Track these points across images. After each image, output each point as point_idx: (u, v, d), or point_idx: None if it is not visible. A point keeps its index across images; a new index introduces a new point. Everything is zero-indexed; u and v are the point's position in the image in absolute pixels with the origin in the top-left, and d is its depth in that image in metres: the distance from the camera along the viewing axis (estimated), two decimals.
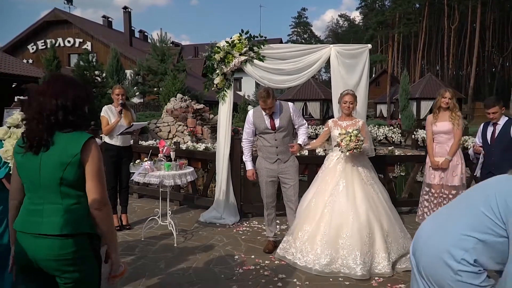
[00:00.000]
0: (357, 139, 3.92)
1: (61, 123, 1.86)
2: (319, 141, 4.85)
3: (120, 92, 5.37)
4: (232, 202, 5.85)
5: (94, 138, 1.95)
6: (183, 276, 3.87)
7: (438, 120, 5.01)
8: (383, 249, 3.87)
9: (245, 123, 4.72)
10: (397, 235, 4.06)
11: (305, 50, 5.51)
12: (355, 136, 3.92)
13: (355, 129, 4.00)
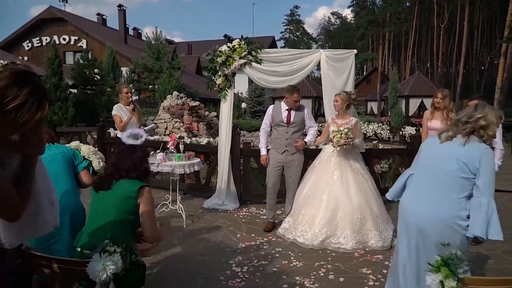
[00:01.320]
0: (346, 136, 4.59)
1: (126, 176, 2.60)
2: (323, 138, 5.39)
3: (128, 91, 6.01)
4: (232, 191, 6.52)
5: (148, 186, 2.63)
6: (194, 250, 4.54)
7: (433, 118, 5.64)
8: (374, 228, 4.60)
9: (264, 116, 5.47)
10: (384, 217, 4.78)
11: (298, 54, 6.17)
12: (345, 134, 4.60)
13: (346, 128, 4.68)
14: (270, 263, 4.18)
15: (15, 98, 1.38)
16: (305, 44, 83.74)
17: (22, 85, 1.41)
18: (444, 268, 1.89)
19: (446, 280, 1.88)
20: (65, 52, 31.65)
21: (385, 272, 3.91)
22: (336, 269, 4.03)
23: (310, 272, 3.94)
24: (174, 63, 27.15)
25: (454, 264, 1.88)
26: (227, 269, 4.00)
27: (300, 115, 5.27)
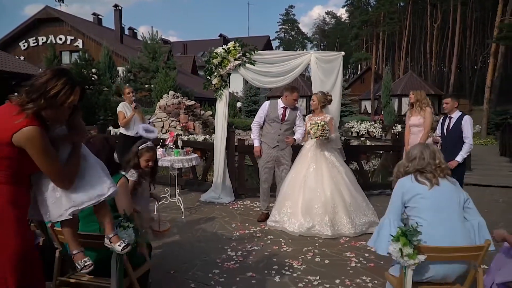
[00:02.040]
0: (323, 128, 5.01)
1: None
2: (307, 135, 5.73)
3: (131, 91, 6.39)
4: (228, 185, 6.89)
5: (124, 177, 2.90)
6: (192, 237, 4.92)
7: (411, 115, 6.07)
8: (346, 216, 4.99)
9: (259, 110, 5.83)
10: (359, 205, 5.16)
11: (290, 56, 6.57)
12: (321, 126, 5.01)
13: (323, 121, 5.09)
14: (262, 248, 4.56)
15: (54, 87, 1.92)
16: (300, 43, 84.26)
17: (59, 77, 1.96)
18: (402, 238, 2.28)
19: (404, 247, 2.26)
20: (61, 51, 31.81)
21: (367, 255, 4.31)
22: (322, 253, 4.42)
23: (298, 256, 4.33)
24: (170, 62, 27.48)
25: (411, 235, 2.27)
26: (223, 253, 4.38)
27: (294, 114, 5.65)
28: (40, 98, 1.89)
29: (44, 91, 1.90)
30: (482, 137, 22.94)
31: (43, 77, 1.94)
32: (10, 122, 1.84)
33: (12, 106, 1.91)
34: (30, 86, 1.92)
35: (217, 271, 3.89)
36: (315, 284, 3.63)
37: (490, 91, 24.32)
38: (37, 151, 1.89)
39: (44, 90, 1.90)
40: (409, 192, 2.63)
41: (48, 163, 1.94)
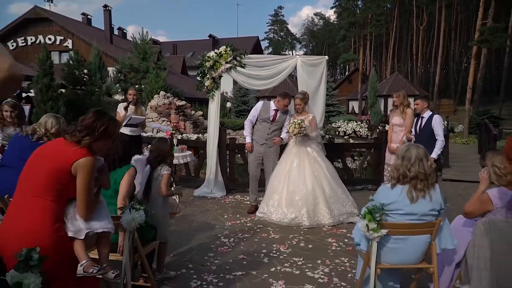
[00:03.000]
0: (299, 126, 5.48)
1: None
2: None
3: (132, 93, 6.80)
4: (220, 180, 7.34)
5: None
6: (188, 227, 5.37)
7: (394, 115, 6.58)
8: (325, 207, 5.48)
9: (253, 109, 6.31)
10: (338, 197, 5.66)
11: (277, 60, 7.04)
12: (298, 124, 5.49)
13: (299, 119, 5.59)
14: (252, 236, 5.03)
15: (103, 124, 2.43)
16: (289, 44, 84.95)
17: (103, 116, 2.48)
18: (368, 215, 2.76)
19: (370, 223, 2.74)
20: (50, 52, 31.80)
21: (346, 241, 4.80)
22: (307, 239, 4.90)
23: (285, 241, 4.81)
24: (160, 63, 27.76)
25: (374, 212, 2.75)
26: (217, 240, 4.84)
27: (284, 117, 6.14)
28: (94, 132, 2.38)
29: (95, 127, 2.39)
30: (464, 136, 23.71)
31: (91, 118, 2.43)
32: (70, 153, 2.31)
33: (67, 142, 2.37)
34: (81, 127, 2.38)
35: (212, 254, 4.35)
36: (299, 264, 4.11)
37: (472, 92, 25.10)
38: (85, 178, 2.34)
39: (95, 127, 2.39)
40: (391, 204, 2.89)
41: (86, 192, 2.36)
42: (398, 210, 2.86)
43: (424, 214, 2.86)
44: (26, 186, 2.34)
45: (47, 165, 2.32)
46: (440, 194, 2.94)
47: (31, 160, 2.40)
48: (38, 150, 2.45)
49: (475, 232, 2.88)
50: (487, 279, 2.80)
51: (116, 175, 3.10)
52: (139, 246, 3.02)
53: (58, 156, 2.33)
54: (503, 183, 2.98)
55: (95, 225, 2.43)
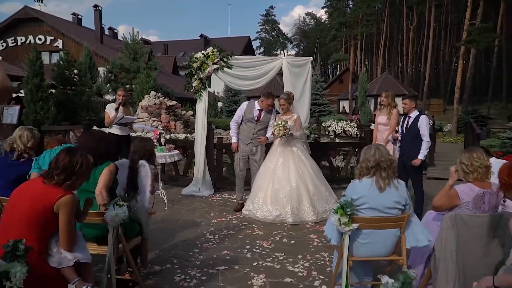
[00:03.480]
0: (284, 128, 5.63)
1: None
2: None
3: (122, 94, 6.92)
4: (207, 179, 7.46)
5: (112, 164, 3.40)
6: (175, 224, 5.49)
7: (379, 115, 6.74)
8: (309, 204, 5.64)
9: (238, 110, 6.44)
10: (322, 194, 5.82)
11: (263, 61, 7.18)
12: (283, 126, 5.64)
13: (283, 121, 5.73)
14: (237, 232, 5.17)
15: (77, 162, 2.65)
16: (280, 44, 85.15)
17: (75, 154, 2.68)
18: (340, 210, 2.91)
19: (341, 217, 2.89)
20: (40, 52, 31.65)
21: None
22: (290, 235, 5.05)
23: (268, 237, 4.95)
24: (151, 63, 27.78)
25: (346, 207, 2.90)
26: (202, 236, 4.98)
27: (268, 116, 6.28)
28: (72, 174, 2.61)
29: (72, 168, 2.62)
30: (453, 135, 24.06)
31: (65, 159, 2.62)
32: (51, 194, 2.52)
33: (46, 184, 2.57)
34: (58, 170, 2.58)
35: (197, 250, 4.49)
36: (280, 259, 4.26)
37: (460, 92, 25.44)
38: (68, 215, 2.57)
39: (72, 168, 2.62)
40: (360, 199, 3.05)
41: (69, 227, 2.59)
42: (366, 204, 3.01)
43: (390, 206, 3.02)
44: (9, 226, 2.51)
45: (29, 205, 2.50)
46: (405, 189, 3.12)
47: (12, 201, 2.59)
48: (18, 191, 2.64)
49: (442, 225, 3.04)
50: (453, 270, 2.96)
51: (96, 171, 3.21)
52: (123, 241, 3.14)
53: (39, 196, 2.53)
54: (470, 179, 3.13)
55: (79, 255, 2.68)
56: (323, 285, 3.65)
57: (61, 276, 2.61)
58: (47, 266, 2.54)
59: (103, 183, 3.21)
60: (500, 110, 36.69)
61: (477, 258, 2.97)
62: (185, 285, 3.60)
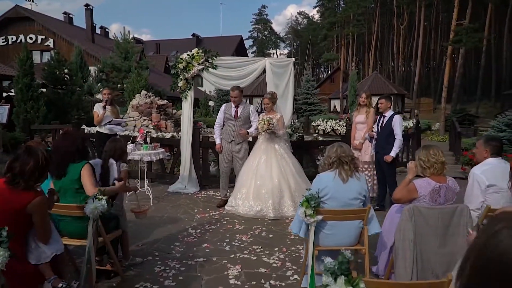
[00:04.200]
0: (268, 123, 5.86)
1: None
2: None
3: (107, 92, 7.12)
4: (193, 177, 7.66)
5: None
6: (160, 220, 5.69)
7: (358, 114, 6.98)
8: (290, 200, 5.86)
9: (219, 112, 6.70)
10: (303, 191, 5.99)
11: (247, 61, 7.39)
12: (267, 121, 5.87)
13: (268, 117, 5.97)
14: (219, 227, 5.38)
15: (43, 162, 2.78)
16: (273, 43, 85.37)
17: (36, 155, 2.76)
18: (305, 203, 3.13)
19: (307, 209, 3.11)
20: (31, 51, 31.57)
21: None
22: (269, 230, 5.27)
23: (248, 232, 5.16)
24: (142, 62, 27.89)
25: (310, 200, 3.12)
26: (184, 231, 5.18)
27: (246, 112, 6.48)
28: (40, 176, 2.76)
29: (39, 169, 2.73)
30: (441, 134, 24.42)
31: (29, 163, 2.70)
32: (22, 196, 2.66)
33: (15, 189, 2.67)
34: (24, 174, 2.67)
35: (178, 243, 4.69)
36: (257, 251, 4.47)
37: (448, 91, 25.82)
38: (42, 213, 2.76)
39: (37, 170, 2.72)
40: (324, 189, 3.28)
41: (45, 224, 2.80)
42: (329, 194, 3.25)
43: (353, 197, 3.26)
44: None
45: (1, 209, 2.64)
46: (366, 181, 3.37)
47: None
48: None
49: (401, 217, 3.27)
50: (411, 258, 3.19)
51: (72, 169, 3.40)
52: (103, 233, 3.33)
53: (10, 200, 2.66)
54: (427, 174, 3.37)
55: (54, 248, 2.89)
56: (295, 274, 3.87)
57: (38, 273, 2.82)
58: (26, 264, 2.73)
59: (90, 183, 3.39)
60: (489, 109, 37.19)
61: (433, 247, 3.20)
62: (164, 275, 3.80)
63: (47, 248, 2.83)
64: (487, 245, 0.92)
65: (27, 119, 13.11)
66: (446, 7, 51.76)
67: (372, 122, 6.75)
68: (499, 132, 12.38)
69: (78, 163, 3.42)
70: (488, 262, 0.90)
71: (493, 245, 0.90)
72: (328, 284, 1.81)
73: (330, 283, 1.81)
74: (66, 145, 3.43)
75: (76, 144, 3.44)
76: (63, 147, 3.44)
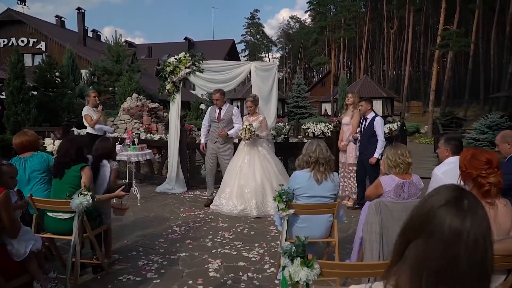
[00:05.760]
0: (250, 131, 6.06)
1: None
2: None
3: (96, 95, 7.27)
4: (181, 177, 7.85)
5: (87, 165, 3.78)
6: (146, 219, 5.87)
7: (344, 115, 7.20)
8: (272, 199, 6.05)
9: (205, 114, 6.99)
10: None
11: (232, 65, 7.61)
12: (248, 129, 6.07)
13: (248, 125, 6.16)
14: (203, 225, 5.57)
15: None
16: (265, 47, 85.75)
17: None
18: (277, 197, 3.35)
19: (279, 203, 3.33)
20: (23, 54, 31.66)
21: None
22: (251, 227, 5.48)
23: (231, 229, 5.37)
24: (134, 66, 28.02)
25: (282, 195, 3.34)
26: (169, 228, 5.37)
27: (229, 114, 6.70)
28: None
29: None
30: (429, 136, 24.78)
31: None
32: None
33: None
34: None
35: (162, 240, 4.88)
36: (238, 247, 4.68)
37: (436, 94, 26.24)
38: (6, 208, 2.86)
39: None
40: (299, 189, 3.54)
41: (12, 218, 2.91)
42: (304, 194, 3.45)
43: (325, 196, 3.47)
44: None
45: None
46: (338, 181, 3.58)
47: None
48: None
49: (368, 211, 3.49)
50: (377, 249, 3.41)
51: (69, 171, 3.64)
52: (87, 227, 3.52)
53: None
54: (392, 172, 3.59)
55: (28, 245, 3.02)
56: (272, 267, 4.08)
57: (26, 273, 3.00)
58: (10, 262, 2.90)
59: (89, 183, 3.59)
60: (478, 112, 37.68)
61: None
62: (147, 269, 3.99)
63: (21, 247, 2.97)
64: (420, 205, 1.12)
65: (18, 122, 13.24)
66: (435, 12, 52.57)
67: (356, 124, 6.92)
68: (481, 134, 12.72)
69: (75, 166, 3.62)
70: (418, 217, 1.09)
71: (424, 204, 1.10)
72: (286, 265, 2.02)
73: (287, 264, 2.02)
74: (67, 147, 3.65)
75: (73, 149, 3.63)
76: (63, 149, 3.67)
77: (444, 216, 0.98)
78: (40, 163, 3.92)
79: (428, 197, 1.09)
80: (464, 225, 0.97)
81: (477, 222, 0.98)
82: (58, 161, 3.73)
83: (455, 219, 0.98)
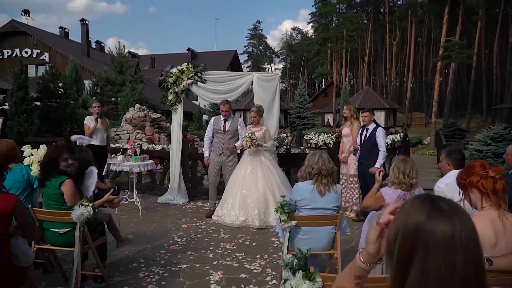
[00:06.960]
0: (251, 139, 6.05)
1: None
2: None
3: (97, 105, 7.31)
4: (182, 188, 7.82)
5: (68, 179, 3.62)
6: (147, 229, 5.83)
7: (344, 127, 7.20)
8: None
9: (208, 126, 6.91)
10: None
11: (235, 76, 7.64)
12: (249, 138, 6.06)
13: (250, 134, 6.16)
14: (204, 236, 5.54)
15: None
16: (267, 58, 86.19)
17: None
18: (279, 209, 3.32)
19: (281, 215, 3.30)
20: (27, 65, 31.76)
21: None
22: (253, 238, 5.44)
23: (232, 240, 5.33)
24: (137, 76, 28.19)
25: (284, 206, 3.31)
26: (170, 239, 5.33)
27: (234, 125, 6.70)
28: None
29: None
30: (431, 147, 24.70)
31: None
32: (4, 201, 2.71)
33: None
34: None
35: (163, 251, 4.84)
36: (240, 258, 4.64)
37: (438, 106, 26.22)
38: (25, 212, 2.87)
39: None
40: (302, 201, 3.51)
41: (29, 220, 2.96)
42: (307, 206, 3.42)
43: (328, 208, 3.44)
44: None
45: None
46: (341, 192, 3.56)
47: None
48: None
49: (371, 223, 3.44)
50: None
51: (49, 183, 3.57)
52: (89, 239, 3.50)
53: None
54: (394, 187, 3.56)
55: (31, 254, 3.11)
56: (274, 279, 4.03)
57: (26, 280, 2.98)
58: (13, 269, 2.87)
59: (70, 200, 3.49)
60: (480, 123, 37.64)
61: None
62: (148, 280, 3.95)
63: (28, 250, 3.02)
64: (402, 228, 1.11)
65: (21, 132, 13.28)
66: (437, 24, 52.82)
67: (356, 135, 6.92)
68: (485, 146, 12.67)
69: (56, 179, 3.50)
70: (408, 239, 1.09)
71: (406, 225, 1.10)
72: (287, 278, 1.99)
73: (289, 277, 1.99)
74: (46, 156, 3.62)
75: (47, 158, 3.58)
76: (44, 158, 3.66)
77: (433, 226, 1.01)
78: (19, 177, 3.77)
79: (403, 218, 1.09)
80: (455, 227, 1.00)
81: (464, 222, 1.02)
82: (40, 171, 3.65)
83: (444, 225, 1.01)
